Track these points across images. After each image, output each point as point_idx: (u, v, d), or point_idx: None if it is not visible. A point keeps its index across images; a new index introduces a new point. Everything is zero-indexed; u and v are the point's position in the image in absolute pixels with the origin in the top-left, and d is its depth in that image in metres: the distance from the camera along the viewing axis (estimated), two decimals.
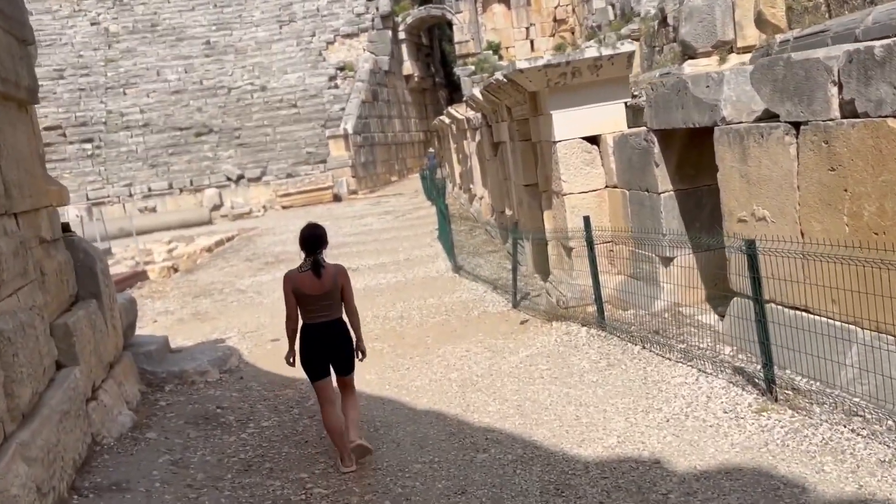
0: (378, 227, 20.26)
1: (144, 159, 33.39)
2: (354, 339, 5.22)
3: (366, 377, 7.05)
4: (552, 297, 8.73)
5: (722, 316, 6.78)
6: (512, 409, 5.61)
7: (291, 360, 5.16)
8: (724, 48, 14.11)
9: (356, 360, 5.26)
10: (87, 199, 30.89)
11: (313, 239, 5.07)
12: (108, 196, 31.33)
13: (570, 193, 8.30)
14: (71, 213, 29.87)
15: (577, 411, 5.35)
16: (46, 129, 33.57)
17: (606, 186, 8.35)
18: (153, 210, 31.40)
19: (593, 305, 7.89)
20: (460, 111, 17.81)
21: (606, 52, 7.81)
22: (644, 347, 6.42)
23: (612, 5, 37.58)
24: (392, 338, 8.49)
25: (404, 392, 6.45)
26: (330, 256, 14.30)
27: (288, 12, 42.35)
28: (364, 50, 39.54)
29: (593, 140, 8.31)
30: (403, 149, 42.09)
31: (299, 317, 5.07)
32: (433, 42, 49.97)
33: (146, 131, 34.62)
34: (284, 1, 43.06)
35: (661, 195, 7.19)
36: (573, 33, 44.45)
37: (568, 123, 8.19)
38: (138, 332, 9.88)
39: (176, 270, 18.31)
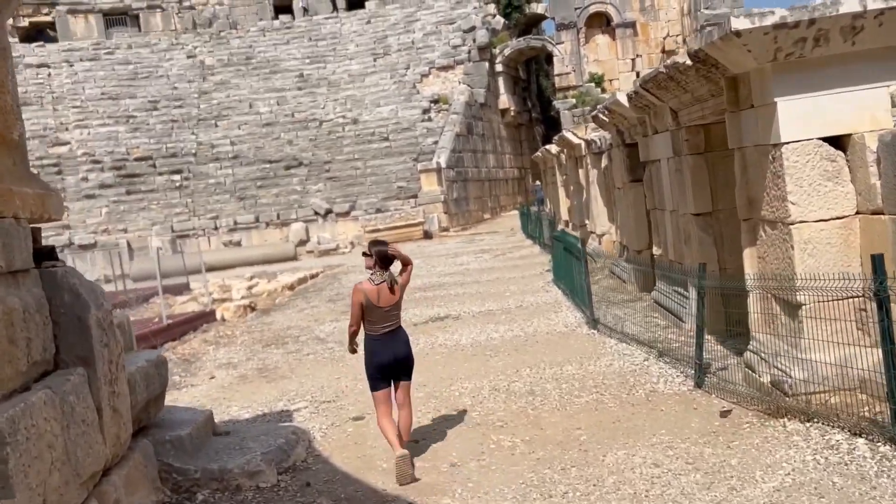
0: (476, 267, 17.77)
1: (232, 192, 32.34)
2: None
3: (503, 497, 4.42)
4: (759, 374, 5.92)
5: None
6: None
7: (354, 347, 5.54)
8: None
9: None
10: (172, 230, 29.92)
11: (388, 254, 5.24)
12: (194, 228, 30.25)
13: (802, 222, 5.52)
14: (153, 244, 28.91)
15: None
16: (137, 159, 33.11)
17: (858, 213, 5.53)
18: (238, 244, 30.09)
19: (850, 395, 5.05)
20: (579, 133, 15.26)
21: (874, 4, 5.08)
22: None
23: None
24: (525, 426, 5.85)
25: None
26: (425, 299, 11.60)
27: (383, 45, 41.27)
28: (459, 82, 37.76)
29: (836, 143, 5.55)
30: (497, 185, 39.78)
31: (361, 326, 5.33)
32: (530, 76, 47.88)
33: (235, 163, 33.69)
34: (380, 34, 42.08)
35: None
36: None
37: (800, 117, 5.46)
38: (184, 394, 7.63)
39: (253, 309, 16.33)
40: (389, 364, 5.23)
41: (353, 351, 5.52)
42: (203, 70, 39.88)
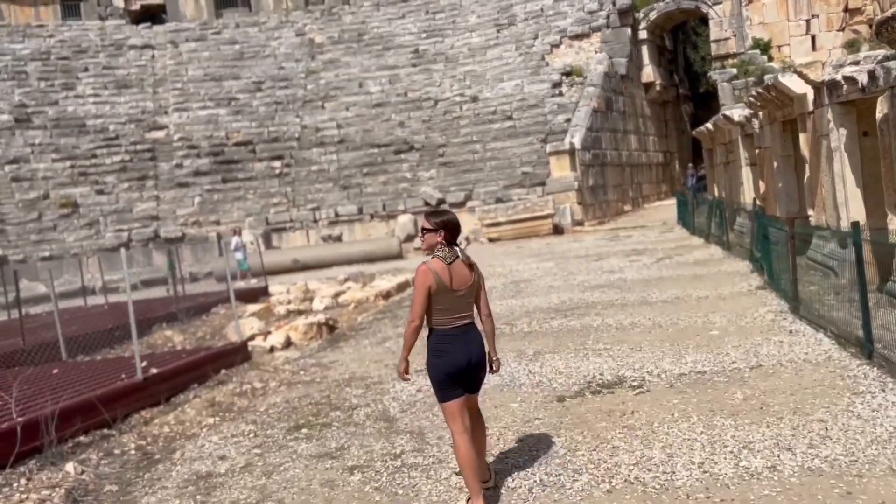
0: (636, 277, 12.60)
1: (336, 179, 28.62)
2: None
3: None
4: None
5: None
6: None
7: (406, 370, 4.17)
8: None
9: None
10: (267, 223, 26.54)
11: (457, 224, 4.15)
12: (291, 220, 26.72)
13: None
14: (246, 239, 25.55)
15: None
16: (237, 144, 30.09)
17: None
18: (338, 238, 26.27)
19: None
20: (811, 75, 9.77)
21: None
22: None
23: None
24: None
25: None
26: (567, 333, 6.23)
27: (507, 15, 36.38)
28: (596, 52, 32.23)
29: None
30: (639, 172, 33.85)
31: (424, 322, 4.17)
32: (677, 47, 41.37)
33: (340, 148, 29.98)
34: (504, 3, 37.20)
35: None
36: (871, 26, 33.70)
37: None
38: None
39: (331, 330, 12.06)
40: (463, 369, 3.95)
41: (406, 375, 4.10)
42: (312, 48, 36.60)
